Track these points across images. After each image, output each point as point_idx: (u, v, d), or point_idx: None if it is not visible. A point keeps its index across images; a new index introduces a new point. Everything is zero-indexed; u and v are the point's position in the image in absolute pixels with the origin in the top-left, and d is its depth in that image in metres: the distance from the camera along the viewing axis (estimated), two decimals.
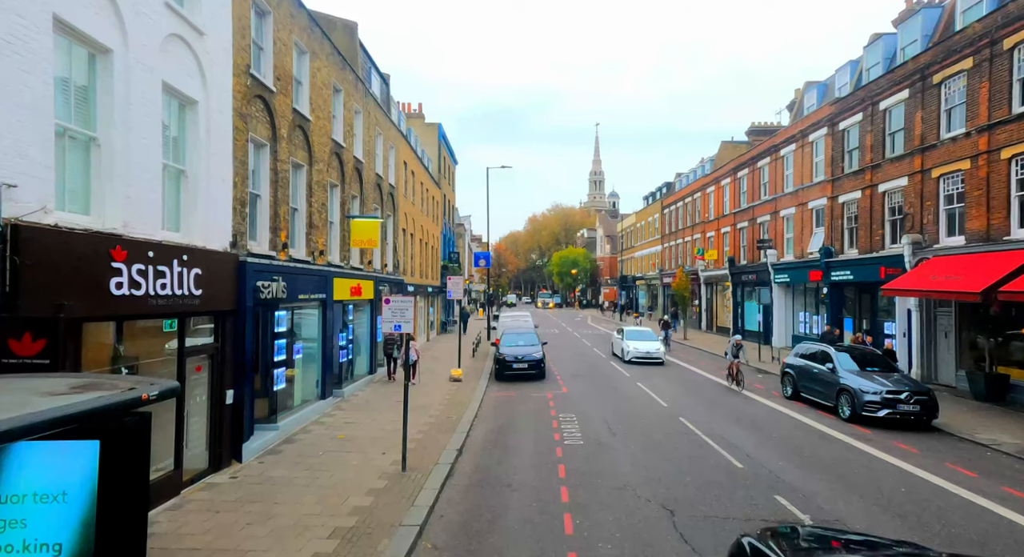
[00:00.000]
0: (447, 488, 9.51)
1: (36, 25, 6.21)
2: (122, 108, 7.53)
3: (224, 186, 10.19)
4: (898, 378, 14.35)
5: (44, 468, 3.24)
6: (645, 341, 25.11)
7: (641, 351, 24.26)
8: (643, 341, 25.08)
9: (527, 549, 7.36)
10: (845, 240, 23.33)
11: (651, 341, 25.23)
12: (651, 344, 24.81)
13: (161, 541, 7.14)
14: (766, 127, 39.50)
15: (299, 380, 13.99)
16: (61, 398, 3.26)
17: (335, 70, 16.52)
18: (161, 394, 3.66)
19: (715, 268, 38.07)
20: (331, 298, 15.20)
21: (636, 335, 25.83)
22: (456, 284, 23.95)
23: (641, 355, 24.28)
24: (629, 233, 66.13)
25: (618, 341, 26.73)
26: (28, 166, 6.11)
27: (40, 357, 6.16)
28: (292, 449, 11.32)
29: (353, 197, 18.33)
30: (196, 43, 9.30)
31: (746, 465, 10.75)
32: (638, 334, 26.02)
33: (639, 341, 25.04)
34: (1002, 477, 10.23)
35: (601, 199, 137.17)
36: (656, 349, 24.48)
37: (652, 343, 24.94)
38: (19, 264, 5.88)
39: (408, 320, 10.84)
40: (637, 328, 27.58)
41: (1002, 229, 15.49)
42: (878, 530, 7.93)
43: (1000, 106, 15.62)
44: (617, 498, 9.05)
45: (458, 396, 16.99)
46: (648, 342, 24.97)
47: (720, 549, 7.34)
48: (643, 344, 24.70)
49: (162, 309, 8.14)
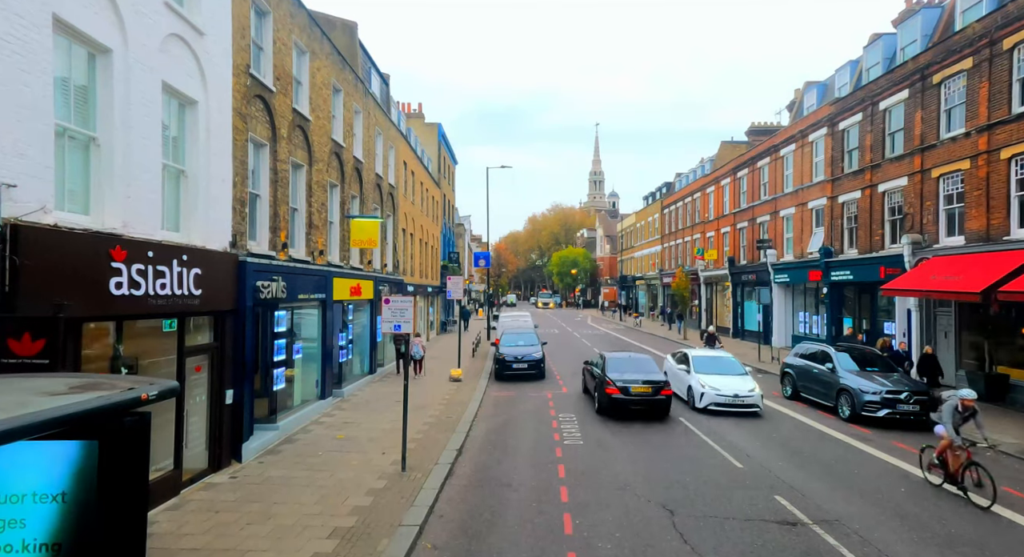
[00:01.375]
0: (447, 488, 9.51)
1: (36, 25, 6.21)
2: (122, 108, 7.52)
3: (224, 186, 10.19)
4: (898, 378, 14.35)
5: (43, 468, 3.24)
6: (728, 376, 15.82)
7: (726, 393, 15.01)
8: (724, 376, 15.81)
9: (527, 549, 7.36)
10: (845, 240, 23.33)
11: (736, 377, 15.87)
12: (738, 382, 15.51)
13: (161, 541, 7.14)
14: (766, 127, 39.52)
15: (299, 380, 13.99)
16: (60, 398, 3.26)
17: (335, 70, 16.51)
18: (160, 394, 3.66)
19: (715, 268, 38.07)
20: (331, 298, 15.20)
21: (711, 365, 16.47)
22: (456, 284, 23.94)
23: (726, 401, 14.97)
24: (629, 233, 66.13)
25: (680, 374, 16.97)
26: (28, 166, 6.11)
27: (40, 357, 6.15)
28: (292, 449, 11.32)
29: (353, 197, 18.33)
30: (196, 43, 9.30)
31: (746, 465, 10.75)
32: (714, 364, 16.54)
33: (719, 376, 15.77)
34: (1002, 477, 10.23)
35: (601, 199, 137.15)
36: (750, 390, 15.08)
37: (738, 380, 15.66)
38: (19, 264, 5.88)
39: (408, 320, 10.84)
40: (710, 353, 17.82)
41: (1002, 229, 15.49)
42: (878, 530, 7.94)
43: (1000, 106, 15.62)
44: (617, 498, 9.05)
45: (458, 396, 16.99)
46: (732, 378, 15.72)
47: (720, 549, 7.36)
48: (726, 381, 15.49)
49: (162, 309, 8.13)
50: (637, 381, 14.59)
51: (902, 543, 7.58)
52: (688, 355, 17.37)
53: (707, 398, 15.16)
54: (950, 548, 7.46)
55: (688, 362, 16.88)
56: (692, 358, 16.98)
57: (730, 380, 15.58)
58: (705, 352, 18.13)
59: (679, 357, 18.16)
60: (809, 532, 7.87)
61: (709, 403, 15.14)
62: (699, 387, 15.46)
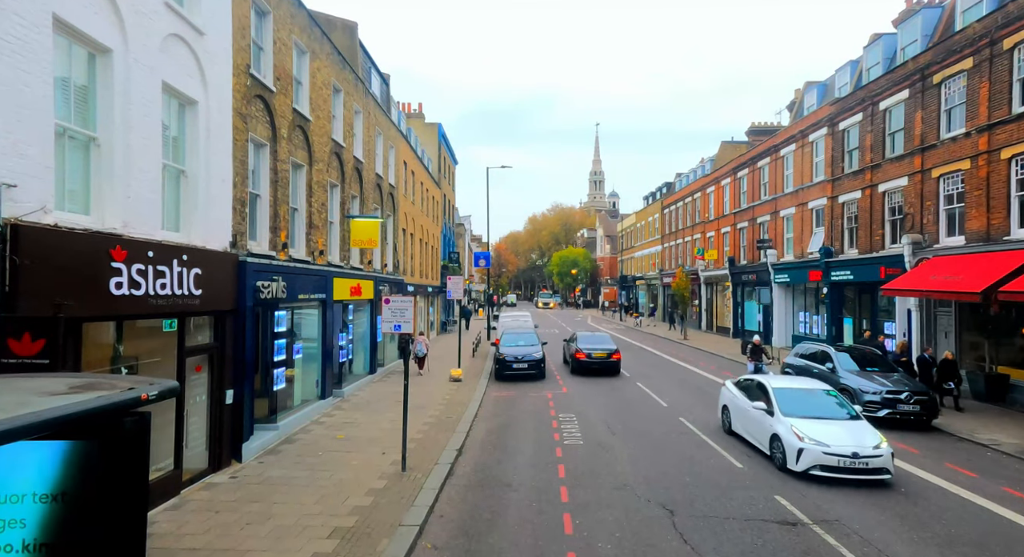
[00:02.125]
0: (447, 488, 9.51)
1: (36, 25, 6.21)
2: (122, 108, 7.52)
3: (224, 186, 10.19)
4: (898, 378, 14.35)
5: (43, 468, 3.23)
6: (834, 422, 10.60)
7: (840, 451, 9.82)
8: (829, 422, 10.58)
9: (527, 549, 7.36)
10: (845, 240, 23.33)
11: (845, 422, 10.69)
12: (851, 430, 10.33)
13: (161, 541, 7.14)
14: (766, 127, 39.51)
15: (299, 380, 13.99)
16: (60, 398, 3.26)
17: (335, 70, 16.51)
18: (160, 394, 3.65)
19: (715, 268, 38.06)
20: (331, 298, 15.20)
21: (804, 402, 11.22)
22: (456, 284, 23.95)
23: (841, 462, 9.78)
24: (629, 233, 66.12)
25: (754, 415, 11.73)
26: (28, 166, 6.11)
27: (40, 357, 6.16)
28: (292, 449, 11.32)
29: (353, 197, 18.33)
30: (196, 43, 9.30)
31: (746, 465, 10.75)
32: (807, 401, 11.31)
33: (820, 422, 10.54)
34: (1002, 477, 10.23)
35: (601, 199, 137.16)
36: (874, 446, 9.86)
37: (851, 427, 10.46)
38: (19, 264, 5.88)
39: (408, 320, 10.84)
40: (797, 384, 12.19)
41: (1002, 229, 15.49)
42: (878, 531, 7.94)
43: (1000, 106, 15.62)
44: (617, 498, 9.05)
45: (458, 396, 16.99)
46: (840, 424, 10.54)
47: (720, 549, 7.35)
48: (833, 430, 10.28)
49: (162, 309, 8.13)
50: (597, 349, 21.61)
51: (902, 543, 7.58)
52: (767, 386, 11.83)
53: (809, 457, 9.88)
54: (950, 548, 7.46)
55: (768, 397, 11.44)
56: (774, 391, 11.52)
57: (839, 428, 10.33)
58: (788, 382, 12.36)
59: (749, 387, 12.56)
60: (809, 532, 7.87)
61: (813, 465, 9.86)
62: (793, 439, 10.18)
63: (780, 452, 10.63)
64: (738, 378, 13.75)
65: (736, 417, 12.74)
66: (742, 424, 12.44)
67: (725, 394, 13.55)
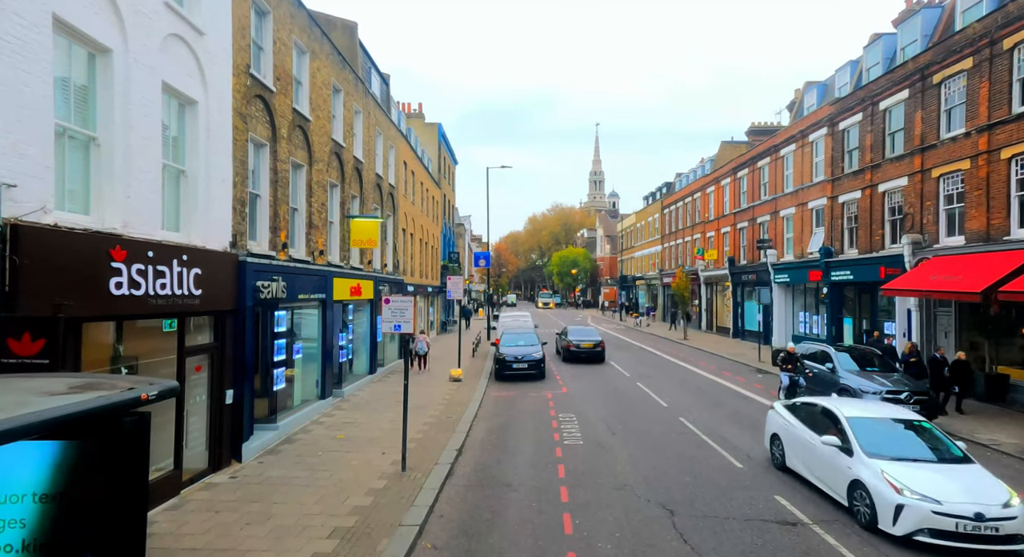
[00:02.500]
0: (447, 488, 9.51)
1: (36, 25, 6.21)
2: (122, 108, 7.52)
3: (224, 186, 10.19)
4: (898, 378, 14.35)
5: (44, 468, 3.24)
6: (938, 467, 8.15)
7: (957, 510, 7.20)
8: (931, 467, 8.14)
9: (527, 549, 7.36)
10: (845, 240, 23.32)
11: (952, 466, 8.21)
12: (964, 479, 7.84)
13: (161, 541, 7.14)
14: (766, 127, 39.51)
15: (299, 380, 13.99)
16: (60, 398, 3.26)
17: (335, 70, 16.51)
18: (160, 394, 3.66)
19: (715, 268, 38.06)
20: (331, 298, 15.20)
21: (895, 440, 8.72)
22: (456, 284, 23.94)
23: (960, 526, 7.13)
24: (629, 233, 66.12)
25: (824, 453, 9.00)
26: (28, 166, 6.11)
27: (39, 357, 6.15)
28: (292, 449, 11.32)
29: (353, 197, 18.33)
30: (196, 43, 9.30)
31: (746, 465, 10.75)
32: (897, 436, 8.81)
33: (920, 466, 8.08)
34: (1003, 477, 10.16)
35: (601, 199, 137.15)
36: (1004, 504, 7.29)
37: (962, 474, 7.97)
38: (19, 264, 5.88)
39: (408, 320, 10.84)
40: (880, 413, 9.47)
41: (1002, 229, 15.49)
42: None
43: (1000, 106, 15.61)
44: (617, 498, 9.05)
45: (458, 396, 16.99)
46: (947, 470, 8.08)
47: (720, 549, 7.35)
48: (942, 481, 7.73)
49: (162, 309, 8.13)
50: (584, 340, 25.23)
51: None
52: (838, 414, 9.09)
53: (914, 518, 7.37)
54: None
55: (843, 430, 8.81)
56: (850, 423, 8.84)
57: (947, 476, 7.88)
58: (865, 408, 9.60)
59: (810, 414, 9.74)
60: (809, 532, 7.87)
61: (919, 529, 7.36)
62: (887, 491, 7.70)
63: (867, 506, 7.87)
64: (790, 400, 11.14)
65: (793, 450, 9.81)
66: (803, 461, 9.47)
67: (775, 420, 10.66)
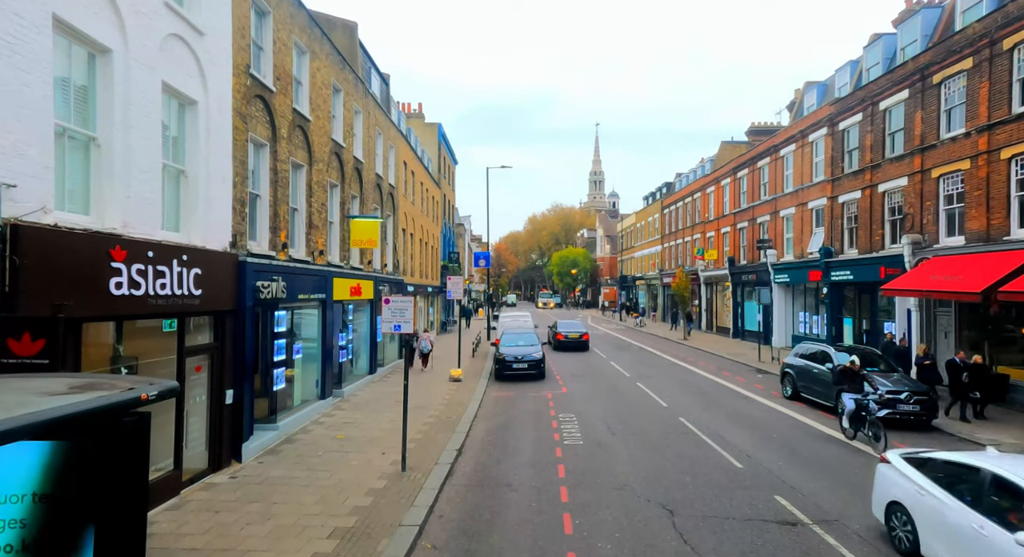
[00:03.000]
0: (447, 488, 9.51)
1: (36, 25, 6.21)
2: (122, 108, 7.53)
3: (224, 186, 10.19)
4: (898, 378, 14.35)
5: (43, 468, 3.24)
6: None
7: None
8: None
9: (527, 549, 7.36)
10: (845, 240, 23.32)
11: None
12: None
13: (161, 541, 7.14)
14: (766, 127, 39.51)
15: (299, 380, 13.99)
16: (60, 398, 3.26)
17: (335, 70, 16.51)
18: (160, 394, 3.66)
19: (715, 268, 38.06)
20: (331, 298, 15.20)
21: None
22: (456, 284, 23.93)
23: None
24: (629, 233, 66.12)
25: (996, 543, 5.62)
26: (28, 166, 6.11)
27: (39, 357, 6.16)
28: (292, 449, 11.32)
29: (353, 197, 18.32)
30: (196, 43, 9.30)
31: (746, 465, 10.75)
32: None
33: None
34: None
35: (601, 199, 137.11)
36: None
37: None
38: (18, 264, 5.88)
39: (408, 320, 10.83)
40: None
41: (1002, 229, 15.49)
42: (877, 530, 7.93)
43: (1000, 106, 15.61)
44: (617, 498, 9.04)
45: (458, 396, 16.99)
46: None
47: (720, 549, 7.35)
48: None
49: (162, 309, 8.14)
50: (572, 331, 29.86)
51: None
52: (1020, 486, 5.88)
53: None
54: None
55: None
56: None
57: None
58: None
59: (961, 479, 6.72)
60: (808, 532, 7.87)
61: None
62: None
63: None
64: (912, 451, 7.95)
65: (936, 533, 6.65)
66: (954, 551, 6.33)
67: (894, 481, 7.51)
